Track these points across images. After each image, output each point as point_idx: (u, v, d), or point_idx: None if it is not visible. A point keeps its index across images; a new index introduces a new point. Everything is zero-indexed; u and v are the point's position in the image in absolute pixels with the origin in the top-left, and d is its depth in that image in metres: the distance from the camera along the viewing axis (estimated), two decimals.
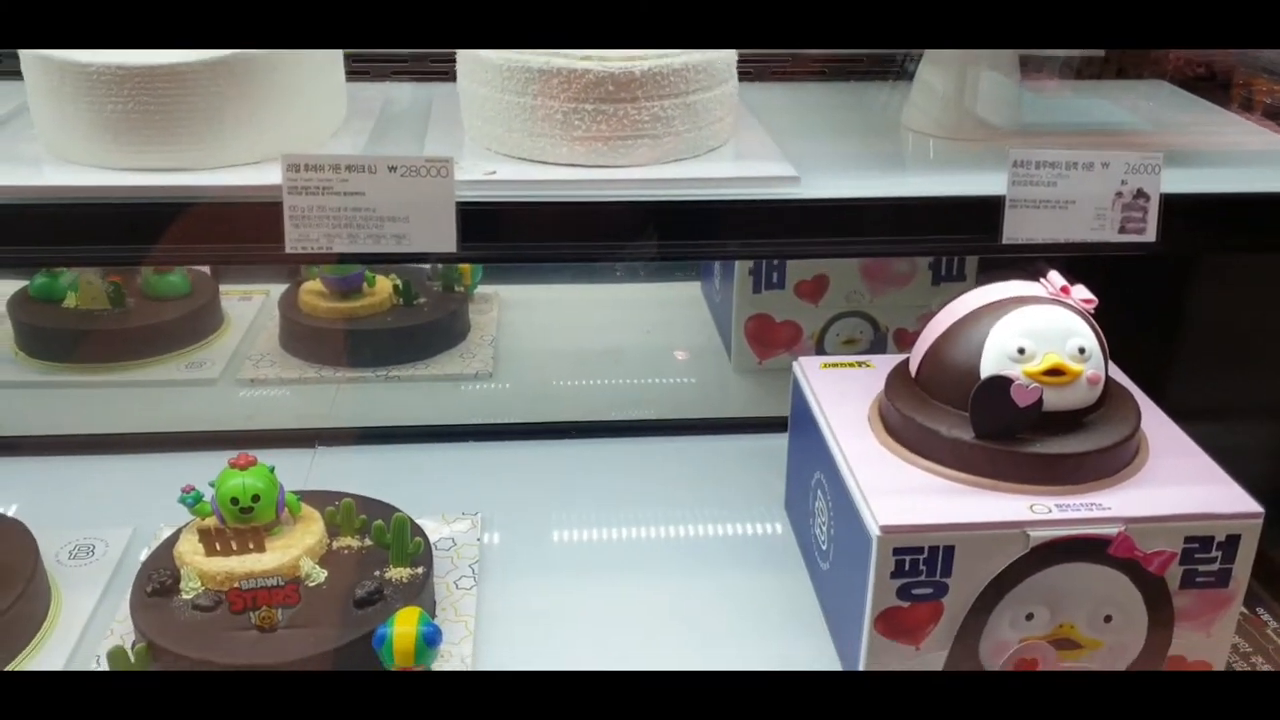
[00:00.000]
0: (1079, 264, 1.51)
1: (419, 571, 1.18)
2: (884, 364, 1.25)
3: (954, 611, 1.03)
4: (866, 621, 1.04)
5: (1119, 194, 1.01)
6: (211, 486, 1.19)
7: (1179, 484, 1.06)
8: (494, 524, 1.39)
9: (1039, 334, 1.07)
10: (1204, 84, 1.64)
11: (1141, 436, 1.13)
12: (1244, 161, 1.15)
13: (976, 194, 1.00)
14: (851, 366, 1.31)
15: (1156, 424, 1.17)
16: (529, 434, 1.61)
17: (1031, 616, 1.04)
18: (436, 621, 1.17)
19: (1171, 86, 1.40)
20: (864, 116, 1.24)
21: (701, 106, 1.06)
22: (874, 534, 1.01)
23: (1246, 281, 1.42)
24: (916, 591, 1.03)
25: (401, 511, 1.23)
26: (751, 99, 1.26)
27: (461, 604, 1.23)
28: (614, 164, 1.04)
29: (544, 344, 1.86)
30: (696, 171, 1.04)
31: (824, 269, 1.69)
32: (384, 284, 1.81)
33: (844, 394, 1.24)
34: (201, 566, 1.15)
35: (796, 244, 1.04)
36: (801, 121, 1.23)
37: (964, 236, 1.02)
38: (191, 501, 1.20)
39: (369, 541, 1.22)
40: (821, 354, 1.73)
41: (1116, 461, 1.07)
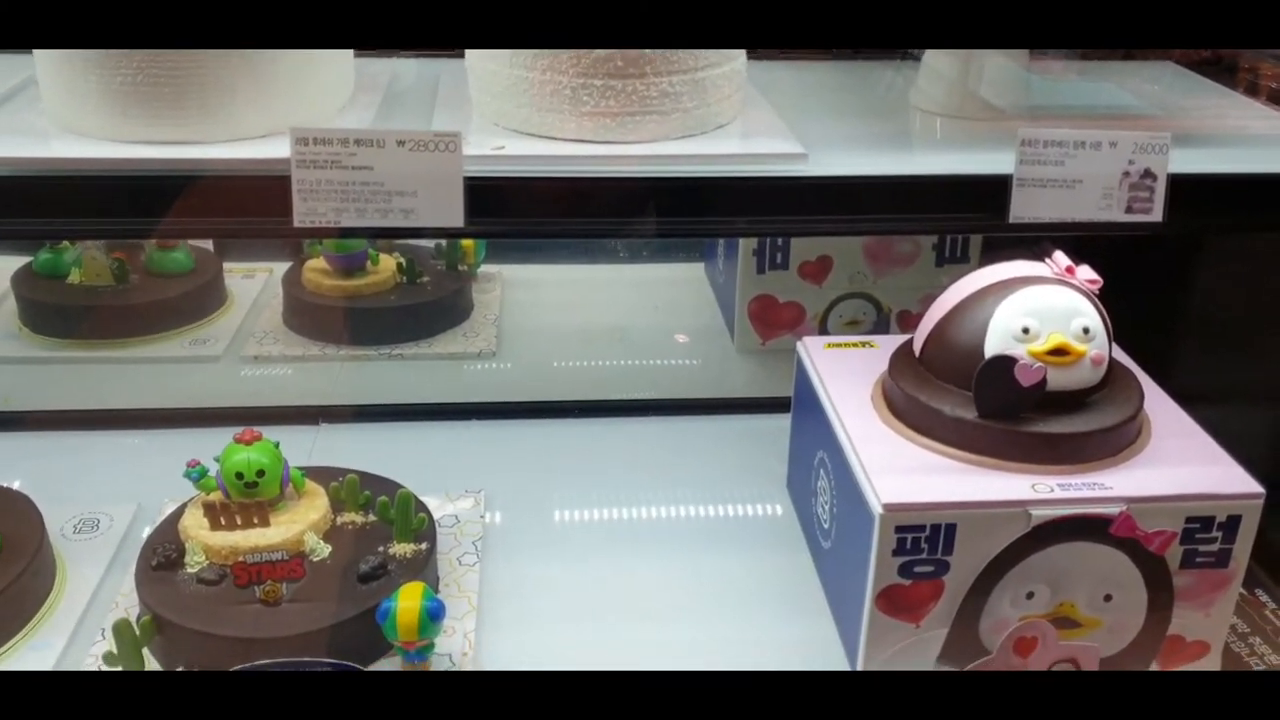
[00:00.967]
0: (1084, 245, 1.51)
1: (423, 547, 1.19)
2: (888, 344, 1.26)
3: (955, 589, 1.04)
4: (868, 599, 1.05)
5: (1126, 174, 1.01)
6: (216, 462, 1.20)
7: (1180, 464, 1.07)
8: (497, 502, 1.40)
9: (1043, 314, 1.07)
10: (1209, 67, 1.64)
11: (1144, 417, 1.13)
12: (1251, 142, 1.16)
13: (984, 173, 1.00)
14: (855, 346, 1.31)
15: (1159, 405, 1.17)
16: (532, 413, 1.61)
17: (1032, 595, 1.05)
18: (440, 597, 1.18)
19: (1178, 68, 1.40)
20: (872, 96, 1.24)
21: (710, 83, 1.05)
22: (876, 512, 1.02)
23: (1252, 264, 1.42)
24: (918, 569, 1.03)
25: (405, 487, 1.23)
26: (759, 78, 1.25)
27: (465, 580, 1.24)
28: (622, 139, 1.04)
29: (547, 323, 1.86)
30: (704, 148, 1.04)
31: (827, 250, 1.69)
32: (387, 262, 1.81)
33: (848, 373, 1.25)
34: (206, 540, 1.16)
35: (804, 221, 1.04)
36: (809, 101, 1.23)
37: (971, 215, 1.03)
38: (197, 476, 1.21)
39: (373, 517, 1.23)
40: (825, 335, 1.73)
41: (1119, 441, 1.08)
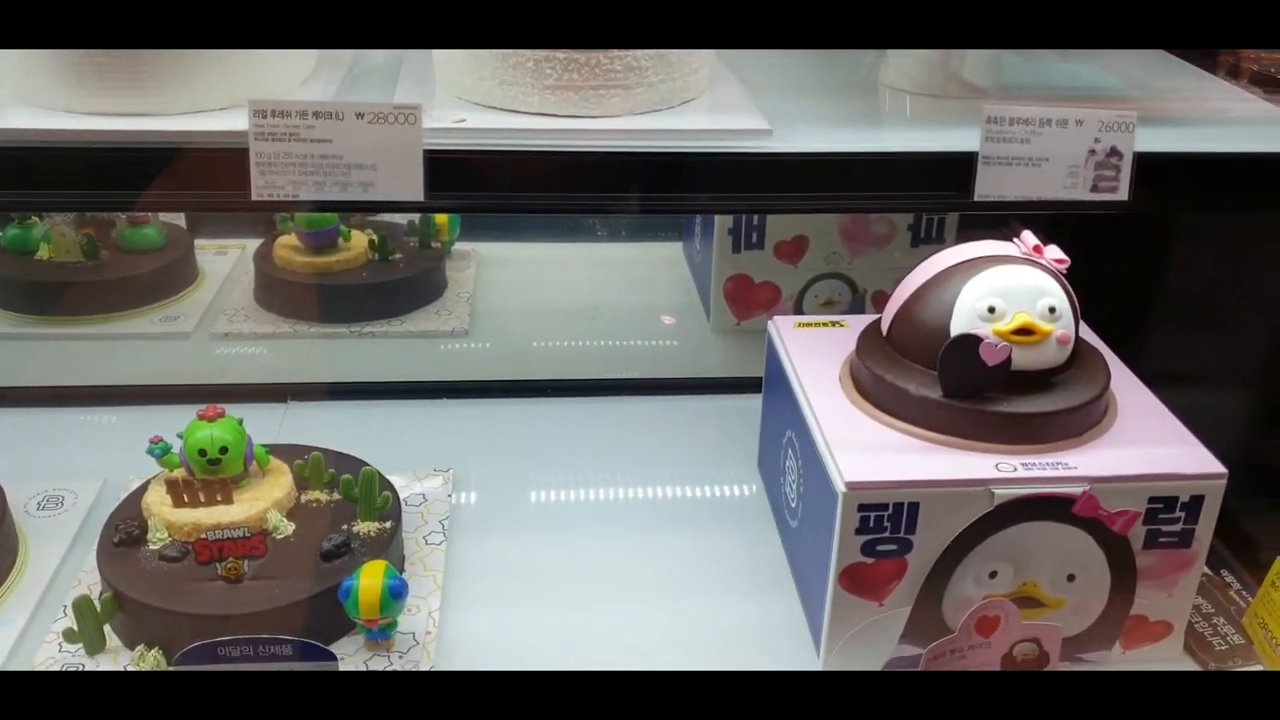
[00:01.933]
0: (1058, 224, 1.51)
1: (387, 526, 1.18)
2: (858, 324, 1.25)
3: (918, 568, 1.04)
4: (831, 578, 1.04)
5: (1092, 152, 1.00)
6: (180, 439, 1.19)
7: (1145, 444, 1.07)
8: (467, 481, 1.39)
9: (1010, 293, 1.07)
10: (1193, 49, 1.63)
11: (1110, 397, 1.13)
12: (1221, 122, 1.15)
13: (949, 150, 1.00)
14: (825, 326, 1.31)
15: (1126, 385, 1.17)
16: (504, 392, 1.60)
17: (995, 574, 1.05)
18: (404, 576, 1.17)
19: (1159, 50, 1.39)
20: (843, 74, 1.22)
21: (675, 57, 1.04)
22: (839, 490, 1.01)
23: (1222, 244, 1.42)
24: (881, 548, 1.03)
25: (370, 465, 1.22)
26: (729, 54, 1.24)
27: (430, 559, 1.23)
28: (585, 114, 1.03)
29: (522, 302, 1.85)
30: (668, 123, 1.03)
31: (803, 230, 1.69)
32: (359, 239, 1.80)
33: (817, 353, 1.24)
34: (169, 517, 1.15)
35: (767, 198, 1.03)
36: (779, 78, 1.22)
37: (936, 193, 1.02)
38: (159, 453, 1.20)
39: (337, 495, 1.22)
40: (800, 314, 1.73)
41: (1083, 421, 1.07)
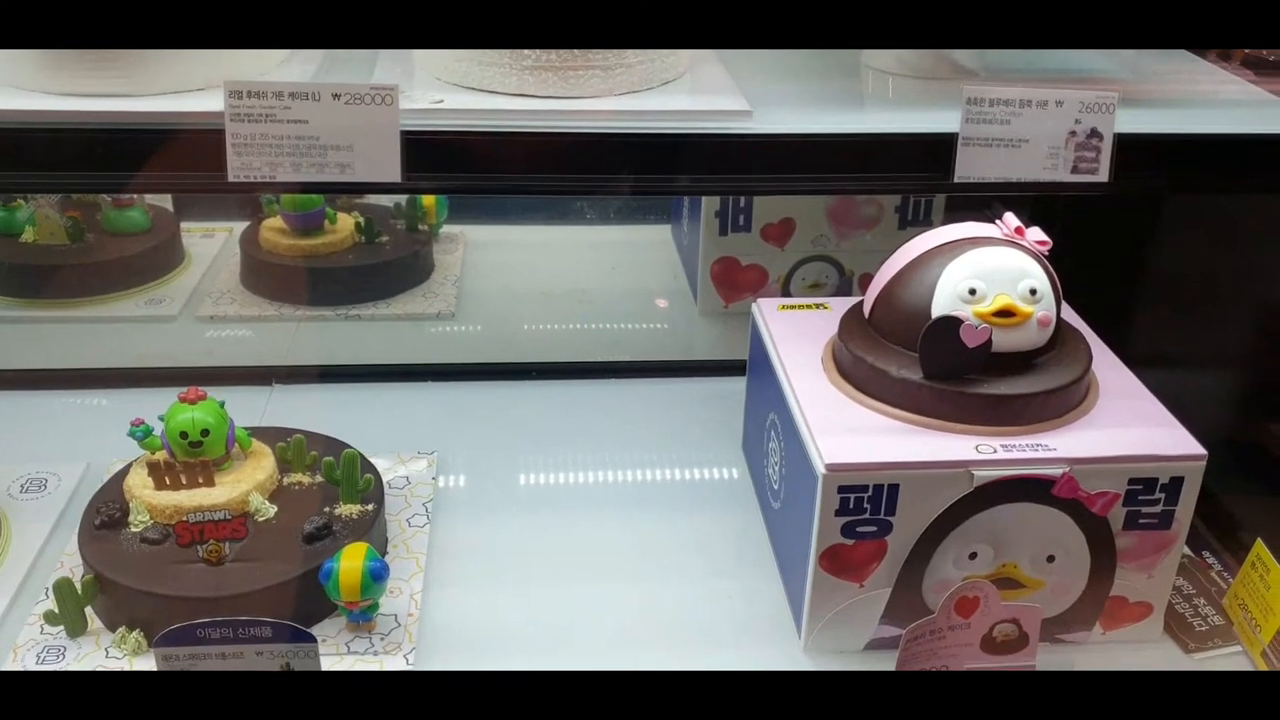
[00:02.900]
0: (1043, 207, 1.51)
1: (369, 508, 1.18)
2: (841, 306, 1.25)
3: (897, 550, 1.04)
4: (811, 559, 1.05)
5: (1073, 133, 1.00)
6: (162, 421, 1.18)
7: (1125, 426, 1.07)
8: (451, 464, 1.39)
9: (991, 275, 1.06)
10: None
11: (1091, 378, 1.13)
12: (1204, 104, 1.14)
13: (930, 131, 0.99)
14: (809, 309, 1.31)
15: (1107, 366, 1.17)
16: (490, 375, 1.60)
17: (975, 555, 1.05)
18: (387, 558, 1.17)
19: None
20: (826, 54, 1.22)
21: None
22: (819, 472, 1.01)
23: (1206, 224, 1.42)
24: (861, 529, 1.03)
25: (352, 448, 1.22)
26: None
27: (413, 541, 1.23)
28: (564, 94, 1.02)
29: (509, 285, 1.84)
30: (646, 104, 1.02)
31: (790, 212, 1.68)
32: (346, 221, 1.79)
33: (800, 335, 1.24)
34: (150, 500, 1.15)
35: (746, 180, 1.03)
36: (762, 58, 1.21)
37: (916, 174, 1.01)
38: (141, 435, 1.20)
39: (320, 478, 1.22)
40: (787, 296, 1.72)
41: (1064, 403, 1.07)
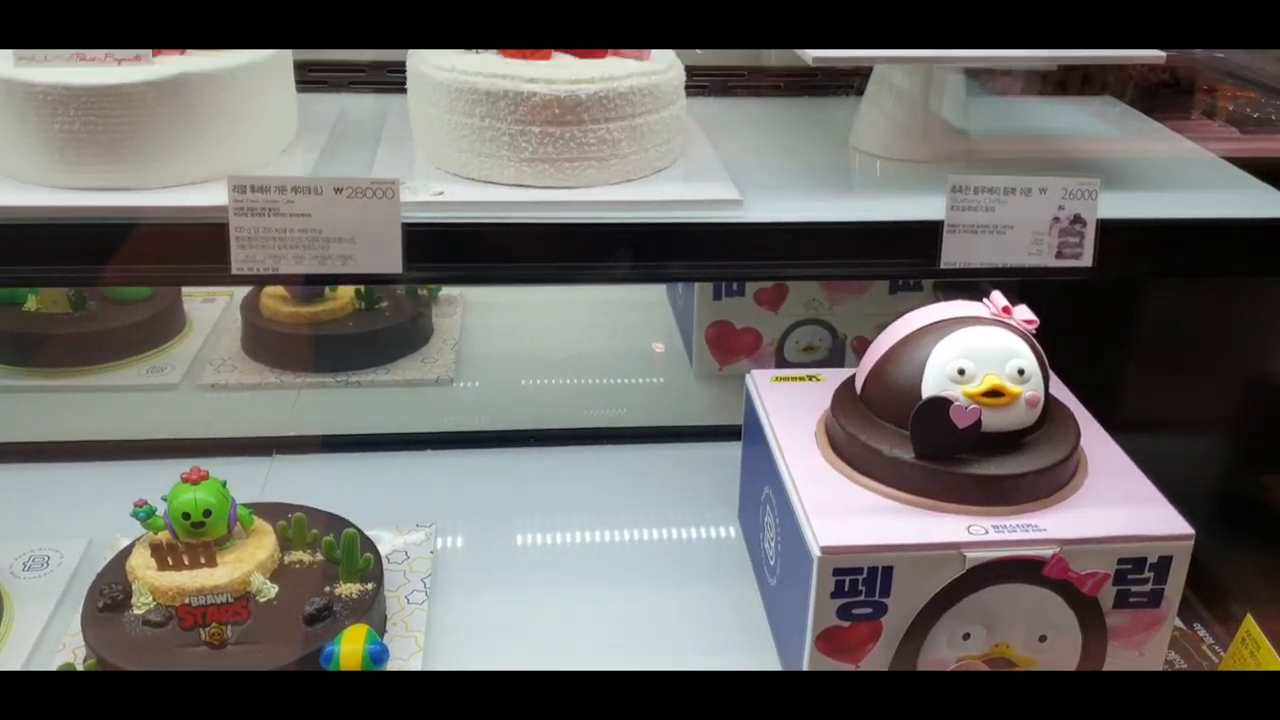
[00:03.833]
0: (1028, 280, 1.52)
1: (369, 587, 1.19)
2: (834, 378, 1.27)
3: (892, 631, 1.05)
4: (808, 640, 1.06)
5: (1056, 219, 1.02)
6: (164, 501, 1.20)
7: (1114, 505, 1.08)
8: (449, 535, 1.40)
9: (979, 355, 1.08)
10: (1168, 90, 1.66)
11: (1080, 455, 1.15)
12: (1181, 185, 1.17)
13: (916, 219, 1.02)
14: (802, 381, 1.32)
15: (1096, 441, 1.19)
16: (489, 442, 1.61)
17: (968, 636, 1.06)
18: (386, 638, 1.18)
19: (1122, 105, 1.41)
20: (814, 135, 1.25)
21: (648, 129, 1.06)
22: (815, 554, 1.03)
23: (1193, 292, 1.44)
24: (856, 611, 1.04)
25: (353, 526, 1.24)
26: (705, 113, 1.27)
27: (412, 619, 1.24)
28: (561, 185, 1.05)
29: (507, 348, 1.86)
30: (641, 194, 1.05)
31: None
32: (346, 288, 1.81)
33: (793, 409, 1.26)
34: (153, 581, 1.16)
35: (738, 266, 1.06)
36: (752, 139, 1.24)
37: (904, 261, 1.04)
38: (144, 515, 1.21)
39: (320, 556, 1.23)
40: (781, 360, 1.74)
41: (1053, 482, 1.09)
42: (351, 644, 1.07)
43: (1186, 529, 1.05)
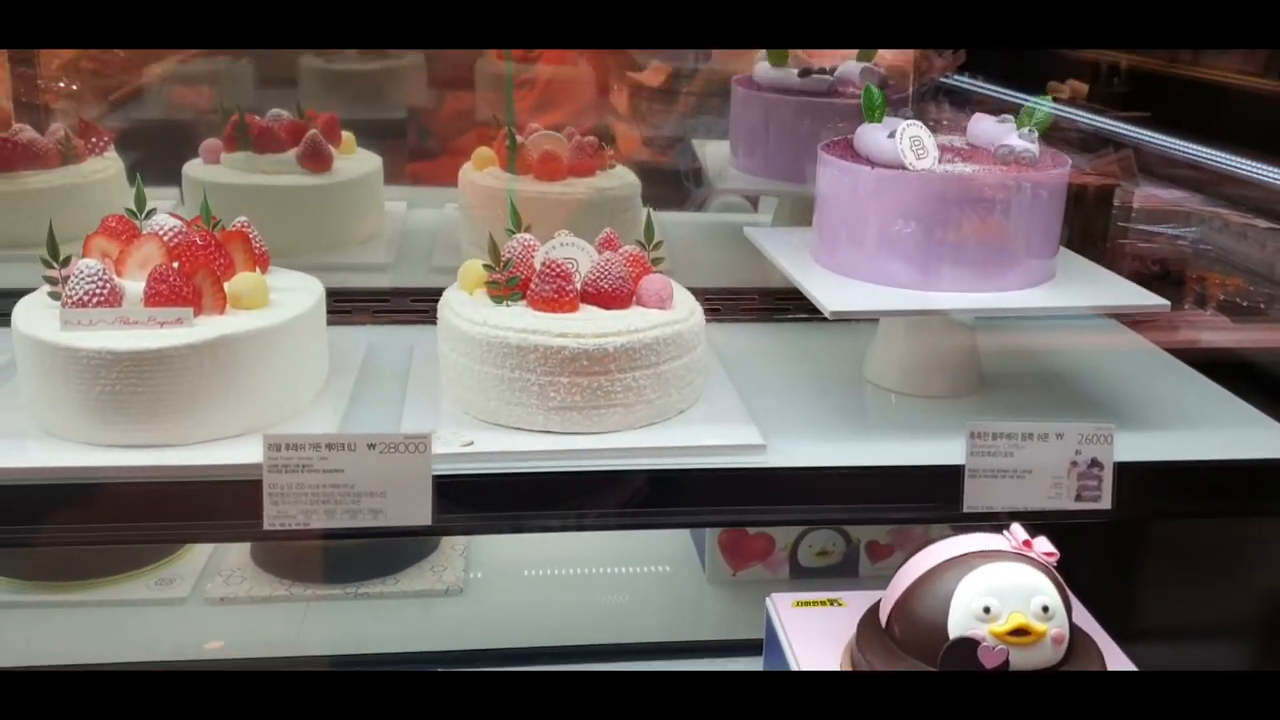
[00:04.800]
0: None
1: None
2: (856, 604, 1.26)
3: None
4: None
5: (1074, 463, 1.05)
6: None
7: None
8: None
9: (1003, 592, 1.09)
10: (1158, 280, 1.71)
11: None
12: (1195, 423, 1.19)
13: (938, 463, 1.04)
14: (824, 605, 1.32)
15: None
16: (499, 659, 1.59)
17: None
18: None
19: (1121, 328, 1.44)
20: (828, 367, 1.28)
21: (672, 374, 1.10)
22: None
23: None
24: None
25: None
26: (719, 339, 1.30)
27: None
28: (587, 430, 1.07)
29: (517, 555, 1.85)
30: (667, 439, 1.07)
31: None
32: None
33: (816, 636, 1.25)
34: None
35: (764, 510, 1.07)
36: (768, 371, 1.28)
37: (927, 505, 1.06)
38: None
39: None
40: (795, 565, 1.74)
41: None
42: None
43: None
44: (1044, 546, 1.15)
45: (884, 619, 1.19)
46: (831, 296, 1.09)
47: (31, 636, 1.63)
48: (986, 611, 1.09)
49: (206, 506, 1.01)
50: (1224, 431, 1.17)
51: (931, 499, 1.04)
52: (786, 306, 1.48)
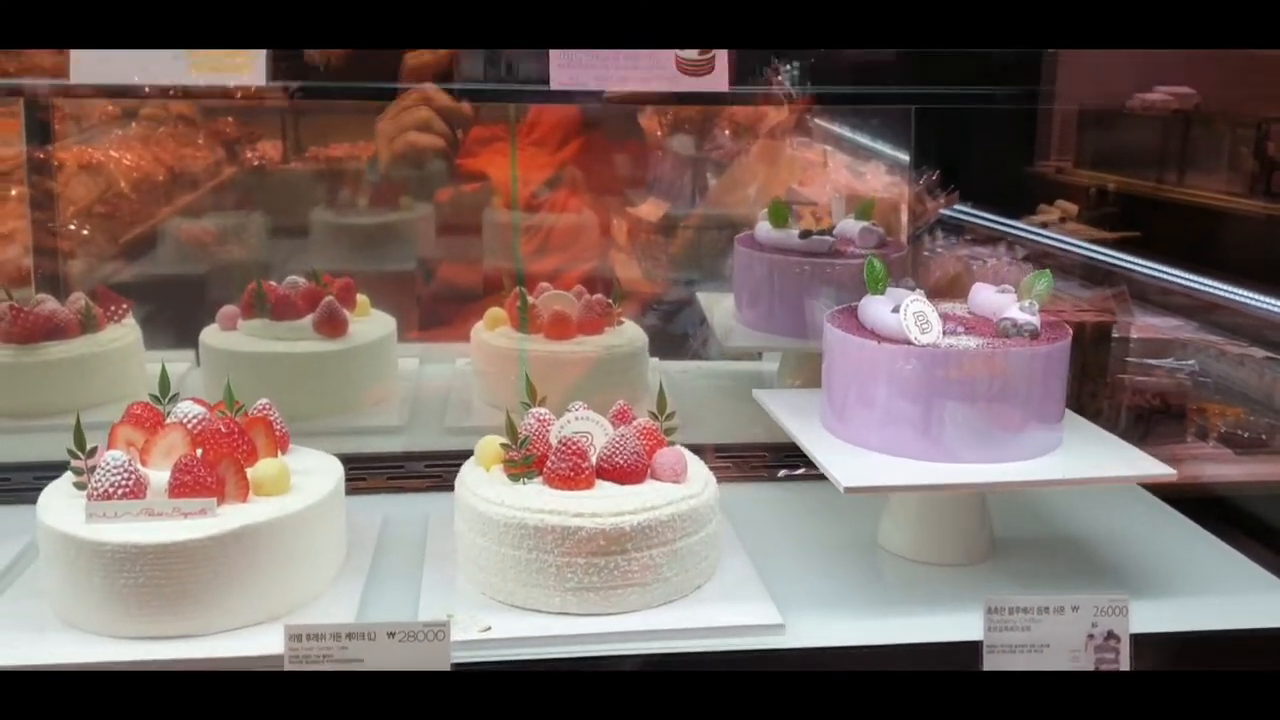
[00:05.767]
0: None
1: None
2: None
3: None
4: None
5: (1091, 636, 1.05)
6: None
7: None
8: None
9: None
10: (1159, 414, 1.73)
11: None
12: (1213, 590, 1.19)
13: (957, 639, 1.04)
14: None
15: None
16: None
17: None
18: None
19: (1145, 495, 1.44)
20: (841, 530, 1.29)
21: (687, 551, 1.11)
22: None
23: None
24: None
25: None
26: (731, 500, 1.30)
27: None
28: (605, 611, 1.08)
29: None
30: (685, 619, 1.08)
31: None
32: None
33: None
34: None
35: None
36: (780, 534, 1.28)
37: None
38: None
39: None
40: None
41: None
42: None
43: None
44: None
45: None
46: (846, 472, 1.11)
47: None
48: None
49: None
50: (1240, 598, 1.17)
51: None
52: (796, 464, 1.49)
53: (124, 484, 1.05)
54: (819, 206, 2.03)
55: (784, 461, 1.48)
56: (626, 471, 1.12)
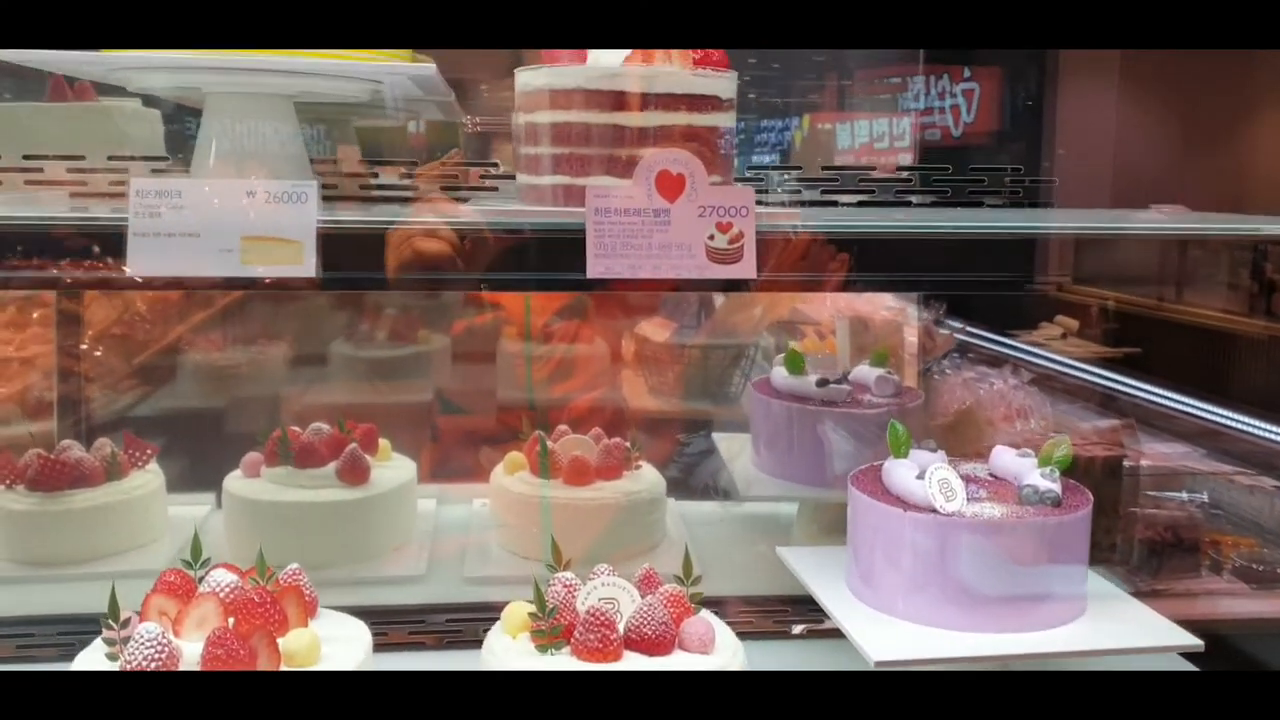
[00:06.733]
0: None
1: None
2: None
3: None
4: None
5: None
6: None
7: None
8: None
9: None
10: (1171, 548, 1.72)
11: None
12: None
13: None
14: None
15: None
16: None
17: None
18: None
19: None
20: None
21: None
22: None
23: None
24: None
25: None
26: (758, 664, 1.30)
27: None
28: None
29: None
30: None
31: None
32: None
33: None
34: None
35: None
36: None
37: None
38: None
39: None
40: None
41: None
42: None
43: None
44: None
45: None
46: (876, 645, 1.12)
47: None
48: None
49: None
50: None
51: None
52: (819, 618, 1.49)
53: (157, 656, 1.05)
54: (822, 324, 2.06)
55: (806, 616, 1.47)
56: (654, 643, 1.13)
